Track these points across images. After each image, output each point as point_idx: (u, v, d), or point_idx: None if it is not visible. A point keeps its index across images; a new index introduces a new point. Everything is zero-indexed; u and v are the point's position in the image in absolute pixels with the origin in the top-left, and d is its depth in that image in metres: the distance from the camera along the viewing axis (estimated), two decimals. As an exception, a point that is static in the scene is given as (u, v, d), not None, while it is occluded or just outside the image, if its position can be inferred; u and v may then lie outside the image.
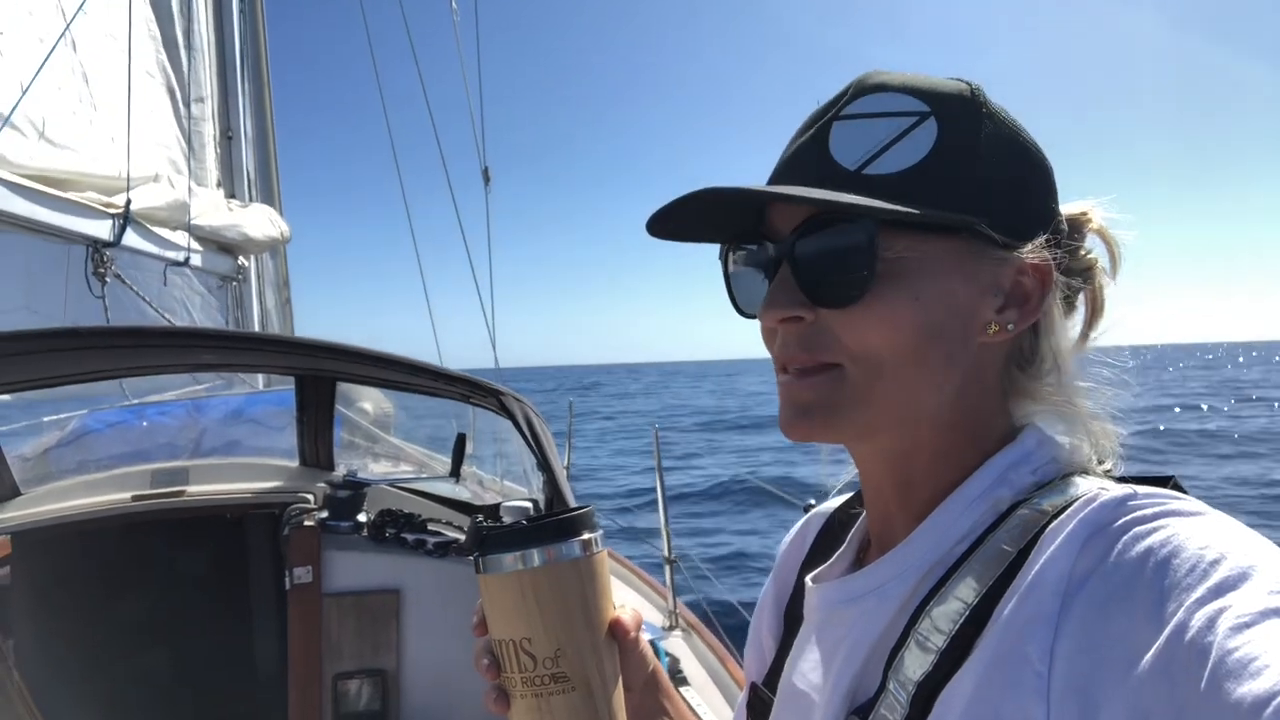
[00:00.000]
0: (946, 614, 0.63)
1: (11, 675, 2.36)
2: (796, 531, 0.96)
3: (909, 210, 0.64)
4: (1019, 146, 0.70)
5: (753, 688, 0.90)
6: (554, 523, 0.74)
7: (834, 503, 0.93)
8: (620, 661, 0.77)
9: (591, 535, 0.75)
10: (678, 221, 0.73)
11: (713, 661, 3.22)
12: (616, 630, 0.76)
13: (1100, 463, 0.71)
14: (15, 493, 2.87)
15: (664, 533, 3.97)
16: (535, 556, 0.72)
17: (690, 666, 3.17)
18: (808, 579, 0.83)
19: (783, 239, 0.70)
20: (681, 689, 2.95)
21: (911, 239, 0.66)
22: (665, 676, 0.87)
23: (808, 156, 0.71)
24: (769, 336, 0.74)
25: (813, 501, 3.09)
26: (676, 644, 3.40)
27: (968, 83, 0.71)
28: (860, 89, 0.71)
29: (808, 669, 0.78)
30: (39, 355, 2.20)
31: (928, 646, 0.63)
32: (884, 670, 0.66)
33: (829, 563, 0.83)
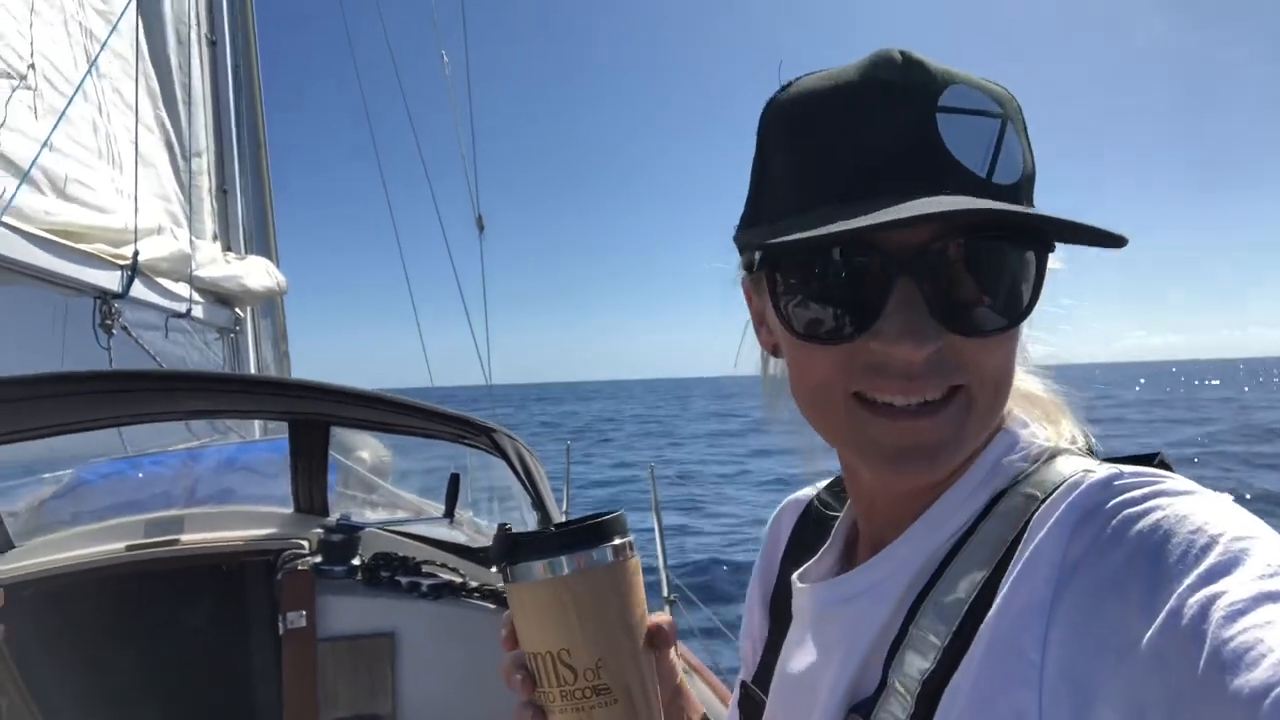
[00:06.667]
0: (945, 608, 0.62)
1: None
2: (772, 522, 0.95)
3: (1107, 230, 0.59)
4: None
5: (743, 686, 0.89)
6: (590, 528, 0.70)
7: (809, 490, 0.92)
8: None
9: (624, 540, 0.72)
10: None
11: (714, 702, 3.16)
12: (655, 637, 0.72)
13: (1078, 441, 0.71)
14: (9, 545, 2.85)
15: (662, 571, 3.92)
16: (572, 563, 0.69)
17: None
18: (794, 578, 0.82)
19: (906, 252, 0.62)
20: None
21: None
22: (688, 685, 0.85)
23: (934, 157, 0.62)
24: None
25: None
26: None
27: None
28: (948, 79, 0.64)
29: (803, 668, 0.77)
30: (32, 401, 2.21)
31: (929, 642, 0.62)
32: (884, 667, 0.65)
33: (815, 559, 0.82)
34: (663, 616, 0.74)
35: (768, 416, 0.81)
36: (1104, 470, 0.61)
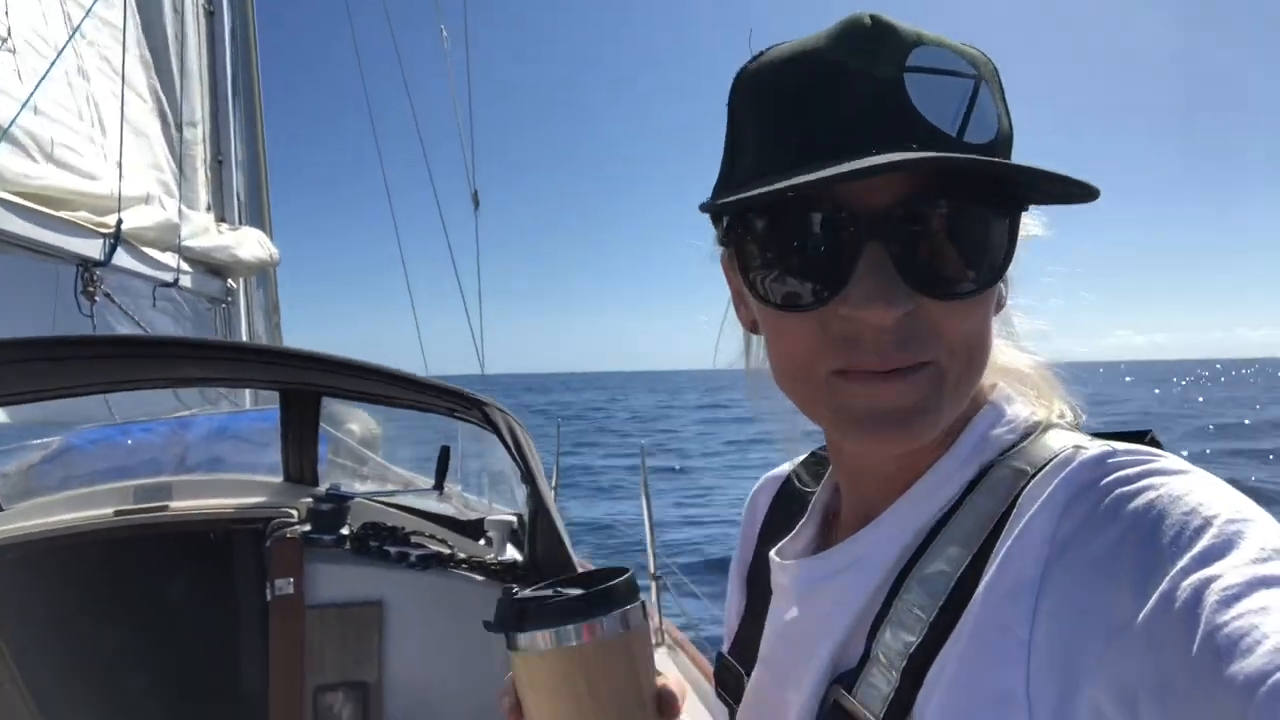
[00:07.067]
0: (930, 582, 0.61)
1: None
2: (751, 498, 0.95)
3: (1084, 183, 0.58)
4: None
5: (720, 658, 0.89)
6: (600, 593, 0.66)
7: (786, 466, 0.92)
8: None
9: (635, 603, 0.68)
10: None
11: (698, 678, 3.20)
12: (664, 705, 0.68)
13: (1067, 416, 0.70)
14: None
15: (649, 549, 3.95)
16: (584, 632, 0.64)
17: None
18: (771, 554, 0.81)
19: (874, 214, 0.60)
20: None
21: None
22: None
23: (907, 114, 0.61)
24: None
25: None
26: (662, 661, 3.37)
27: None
28: (918, 40, 0.62)
29: (786, 642, 0.76)
30: (15, 365, 2.20)
31: (914, 615, 0.61)
32: (867, 640, 0.64)
33: (791, 536, 0.82)
34: (669, 681, 0.71)
35: (752, 403, 0.79)
36: (1097, 447, 0.60)
